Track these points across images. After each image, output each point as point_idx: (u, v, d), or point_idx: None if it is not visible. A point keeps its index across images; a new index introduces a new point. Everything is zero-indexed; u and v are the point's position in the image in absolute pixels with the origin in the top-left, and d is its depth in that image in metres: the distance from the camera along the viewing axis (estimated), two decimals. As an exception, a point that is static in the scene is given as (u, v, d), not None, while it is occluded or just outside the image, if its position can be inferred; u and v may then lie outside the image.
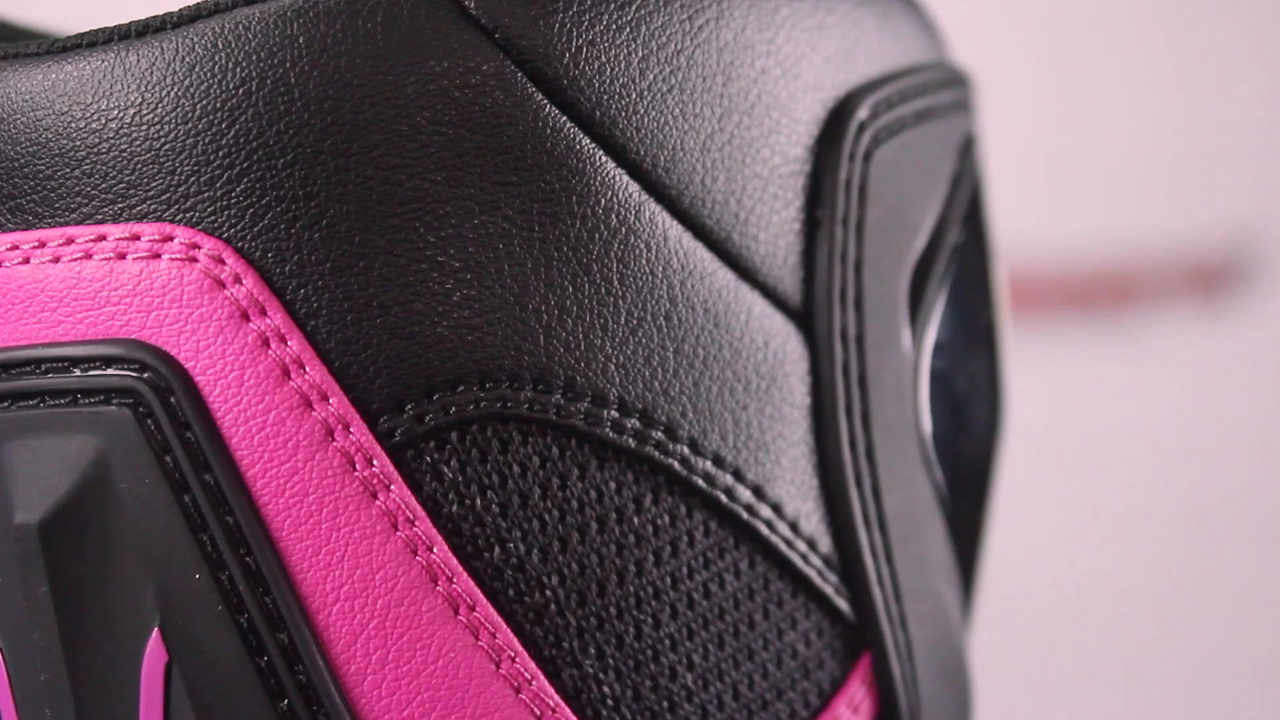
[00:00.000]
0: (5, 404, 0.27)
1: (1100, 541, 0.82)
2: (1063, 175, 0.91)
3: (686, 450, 0.28)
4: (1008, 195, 0.36)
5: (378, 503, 0.26)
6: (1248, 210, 0.93)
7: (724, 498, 0.29)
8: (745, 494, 0.29)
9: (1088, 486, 0.84)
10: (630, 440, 0.28)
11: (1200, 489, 0.84)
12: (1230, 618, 0.79)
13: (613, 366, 0.28)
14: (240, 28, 0.26)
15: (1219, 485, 0.84)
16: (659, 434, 0.28)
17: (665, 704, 0.28)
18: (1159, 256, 0.98)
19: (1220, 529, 0.82)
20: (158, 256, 0.26)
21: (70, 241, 0.27)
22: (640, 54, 0.28)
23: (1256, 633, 0.78)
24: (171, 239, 0.26)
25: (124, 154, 0.27)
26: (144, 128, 0.26)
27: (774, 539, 0.29)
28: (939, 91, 0.33)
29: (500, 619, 0.27)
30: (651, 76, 0.28)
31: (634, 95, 0.28)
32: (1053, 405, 0.81)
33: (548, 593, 0.27)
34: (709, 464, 0.28)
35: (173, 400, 0.26)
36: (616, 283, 0.28)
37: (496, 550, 0.27)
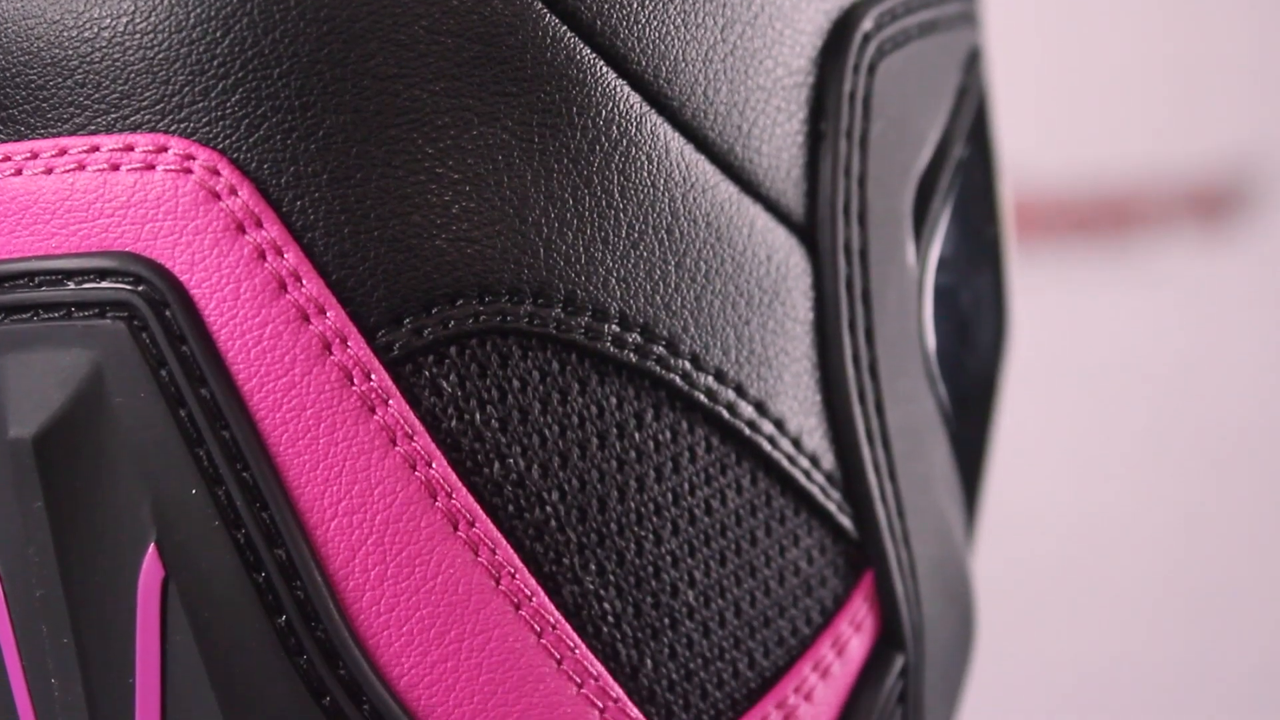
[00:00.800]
0: (-1, 317, 0.26)
1: (1103, 466, 0.82)
2: (1065, 100, 0.91)
3: (688, 365, 0.28)
4: (1010, 121, 0.35)
5: (376, 417, 0.26)
6: (1250, 135, 0.93)
7: (726, 413, 0.28)
8: (747, 410, 0.29)
9: (1090, 411, 0.84)
10: (631, 355, 0.27)
11: (1202, 412, 0.84)
12: (1233, 540, 0.79)
13: (614, 280, 0.27)
14: None
15: (1221, 408, 0.84)
16: (660, 349, 0.28)
17: (666, 621, 0.28)
18: (1161, 181, 0.97)
19: (1223, 451, 0.82)
20: (152, 168, 0.26)
21: (63, 153, 0.26)
22: None
23: (1259, 553, 0.78)
24: (166, 150, 0.26)
25: (117, 63, 0.26)
26: (137, 36, 0.26)
27: (776, 455, 0.29)
28: (945, 3, 0.32)
29: (500, 535, 0.27)
30: None
31: (635, 4, 0.27)
32: (1055, 330, 0.80)
33: (548, 509, 0.27)
34: (711, 379, 0.28)
35: (168, 313, 0.26)
36: (617, 195, 0.27)
37: (496, 466, 0.27)
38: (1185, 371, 0.87)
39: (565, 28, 0.27)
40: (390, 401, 0.26)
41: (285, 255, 0.26)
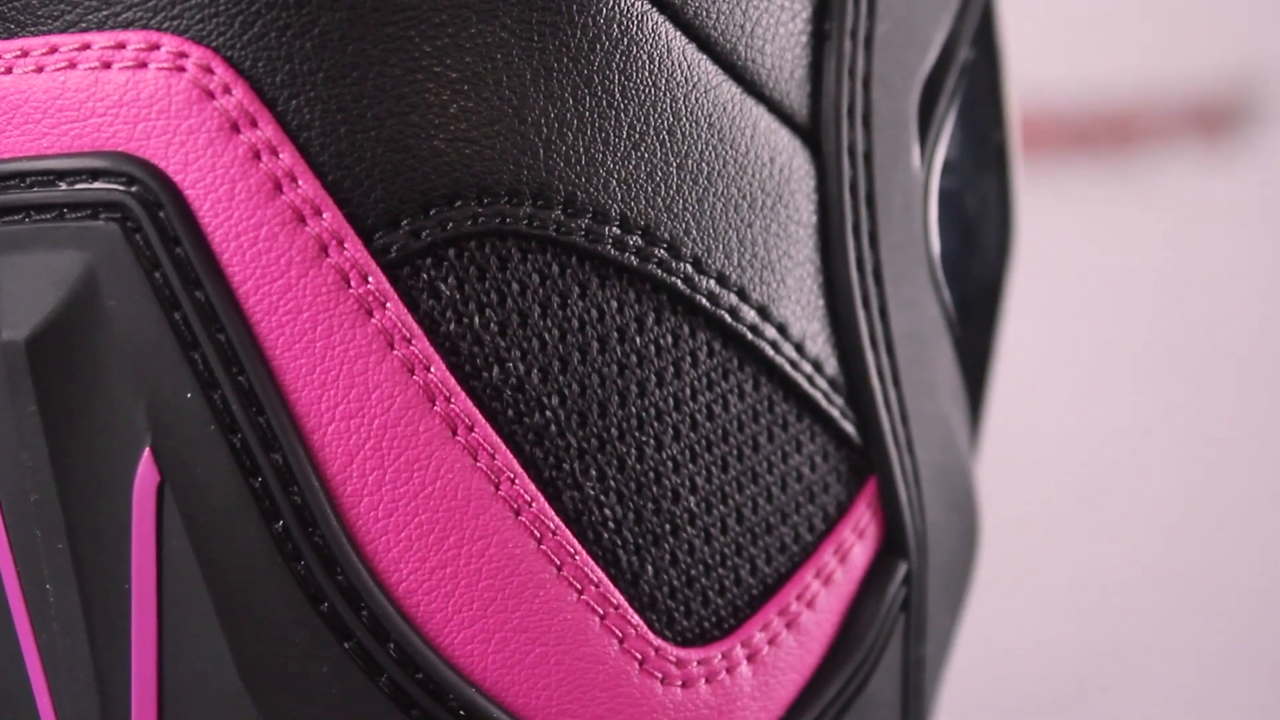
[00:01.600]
0: (-11, 219, 0.26)
1: (1103, 382, 0.82)
2: (1067, 14, 0.90)
3: (690, 269, 0.28)
4: (1011, 36, 0.35)
5: (373, 321, 0.26)
6: (1253, 52, 0.92)
7: (728, 318, 0.28)
8: (750, 314, 0.28)
9: (1090, 327, 0.84)
10: (632, 258, 0.27)
11: (1203, 328, 0.84)
12: (1234, 456, 0.79)
13: (614, 182, 0.27)
14: None
15: (1221, 325, 0.84)
16: (662, 252, 0.27)
17: (667, 527, 0.28)
18: (1163, 97, 0.97)
19: (1223, 367, 0.82)
20: (144, 66, 0.26)
21: (54, 50, 0.26)
22: None
23: (1262, 470, 0.78)
24: (158, 48, 0.26)
25: None
26: (127, -70, 0.26)
27: (779, 360, 0.29)
28: (951, -97, 0.32)
29: (499, 440, 0.26)
30: None
31: None
32: (1056, 246, 0.80)
33: (548, 413, 0.27)
34: (713, 283, 0.28)
35: (162, 215, 0.25)
36: (618, 95, 0.27)
37: (495, 370, 0.26)
38: (1186, 287, 0.86)
39: (563, -77, 0.26)
40: (388, 304, 0.26)
41: (280, 155, 0.26)
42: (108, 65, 0.26)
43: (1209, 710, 0.66)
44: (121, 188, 0.25)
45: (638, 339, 0.27)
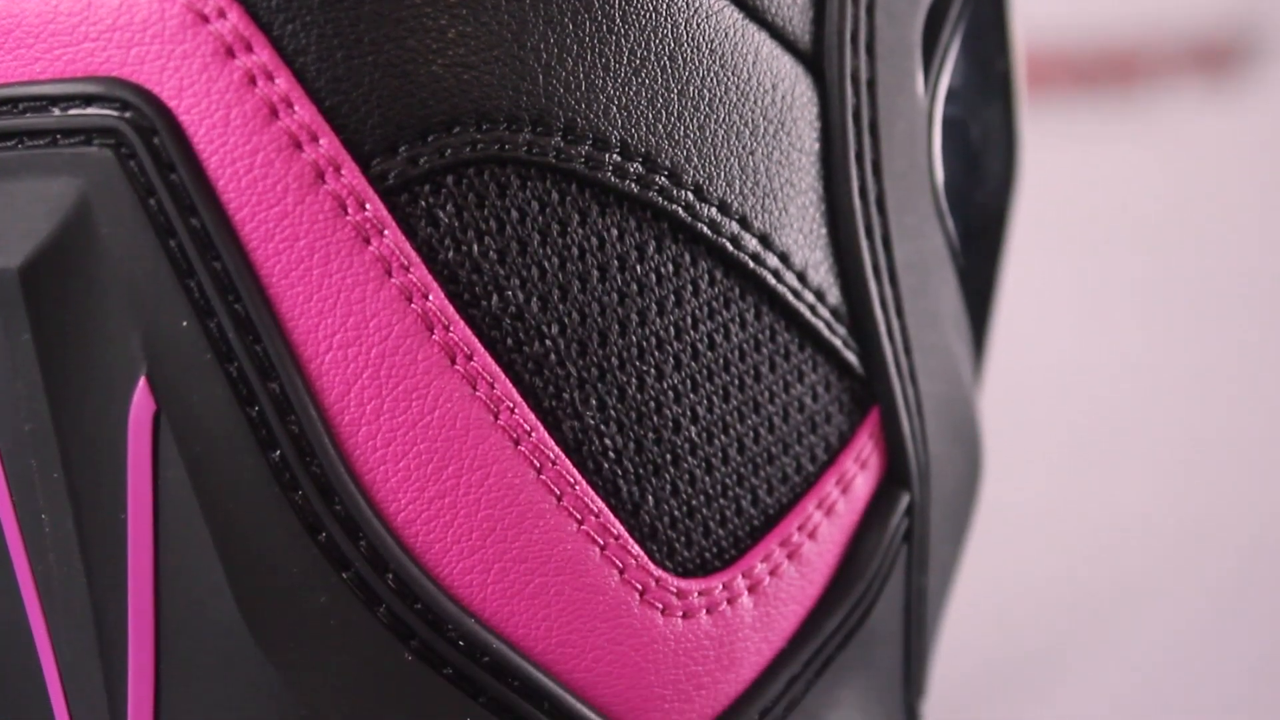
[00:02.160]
0: (-19, 145, 0.26)
1: (1103, 317, 0.82)
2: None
3: (691, 196, 0.27)
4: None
5: (370, 248, 0.25)
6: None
7: (729, 246, 0.28)
8: (751, 242, 0.28)
9: (1091, 264, 0.83)
10: (633, 185, 0.27)
11: (1204, 265, 0.83)
12: (1234, 390, 0.78)
13: (614, 108, 0.27)
14: None
15: (1223, 261, 0.83)
16: (663, 179, 0.27)
17: (668, 457, 0.27)
18: (1165, 35, 0.96)
19: (1224, 304, 0.82)
20: (137, -11, 0.25)
21: (45, -27, 0.26)
22: None
23: (1262, 403, 0.78)
24: (151, -29, 0.25)
25: None
26: None
27: (781, 289, 0.28)
28: None
29: (499, 369, 0.26)
30: None
31: None
32: (1058, 183, 0.80)
33: (547, 342, 0.26)
34: (714, 211, 0.27)
35: (156, 141, 0.25)
36: (619, 20, 0.26)
37: (494, 298, 0.26)
38: (1187, 224, 0.86)
39: None
40: (385, 232, 0.25)
41: (276, 80, 0.25)
42: (100, -12, 0.25)
43: (1208, 652, 0.66)
44: (115, 113, 0.25)
45: (638, 267, 0.27)
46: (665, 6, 0.27)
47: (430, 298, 0.26)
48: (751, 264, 0.28)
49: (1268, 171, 0.92)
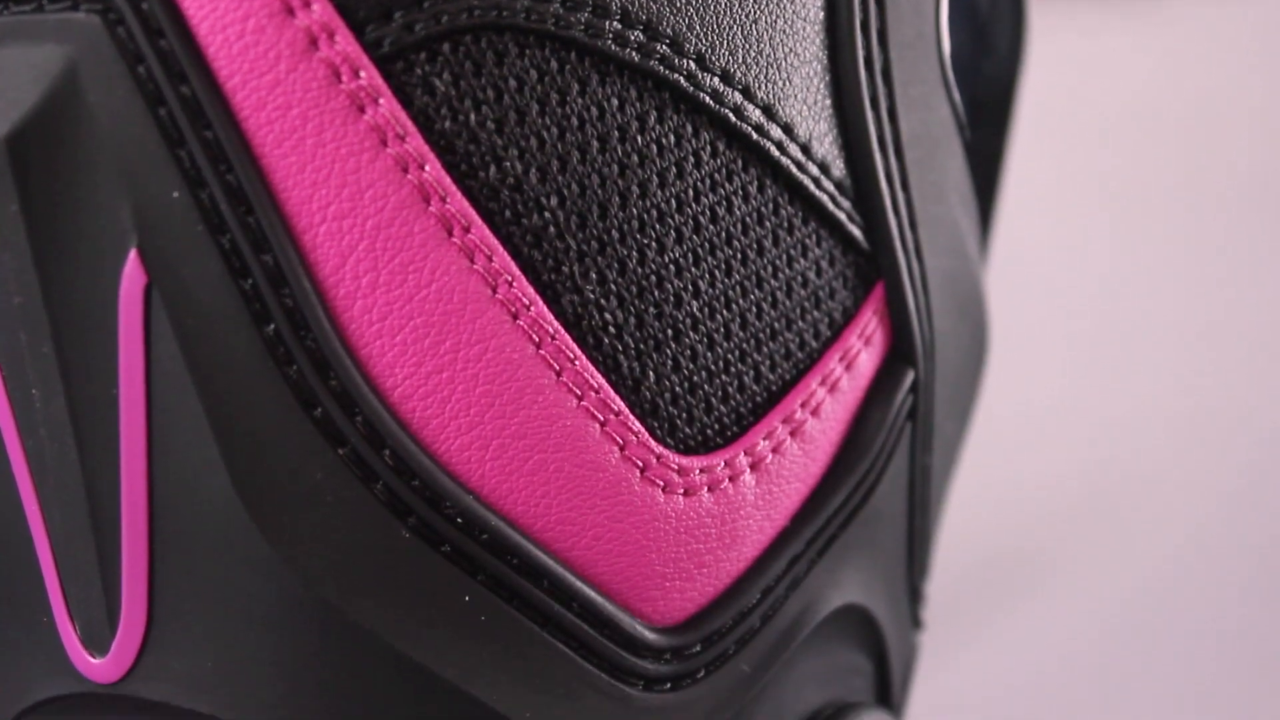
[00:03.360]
0: (-35, 11, 0.25)
1: (1110, 209, 0.81)
2: None
3: (693, 65, 0.27)
4: None
5: (365, 117, 0.25)
6: None
7: (732, 116, 0.27)
8: (754, 113, 0.27)
9: (1098, 156, 0.83)
10: (634, 54, 0.26)
11: (1217, 154, 0.83)
12: (1252, 281, 0.78)
13: None
14: None
15: (1235, 149, 0.83)
16: (664, 48, 0.26)
17: (669, 332, 0.27)
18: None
19: (1240, 191, 0.81)
20: None
21: None
22: None
23: (1270, 298, 0.77)
24: None
25: None
26: None
27: (784, 161, 0.28)
28: None
29: (497, 241, 0.25)
30: None
31: None
32: (1060, 75, 0.79)
33: (546, 214, 0.26)
34: (716, 80, 0.27)
35: (145, 6, 0.24)
36: (618, -117, 0.26)
37: (492, 169, 0.25)
38: (1199, 114, 0.85)
39: None
40: (380, 100, 0.25)
41: (267, -57, 0.24)
42: None
43: (1212, 551, 0.66)
44: None
45: (639, 138, 0.26)
46: None
47: (427, 168, 0.25)
48: (755, 135, 0.27)
49: (1272, 60, 0.91)
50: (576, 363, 0.26)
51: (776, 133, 0.28)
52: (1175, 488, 0.69)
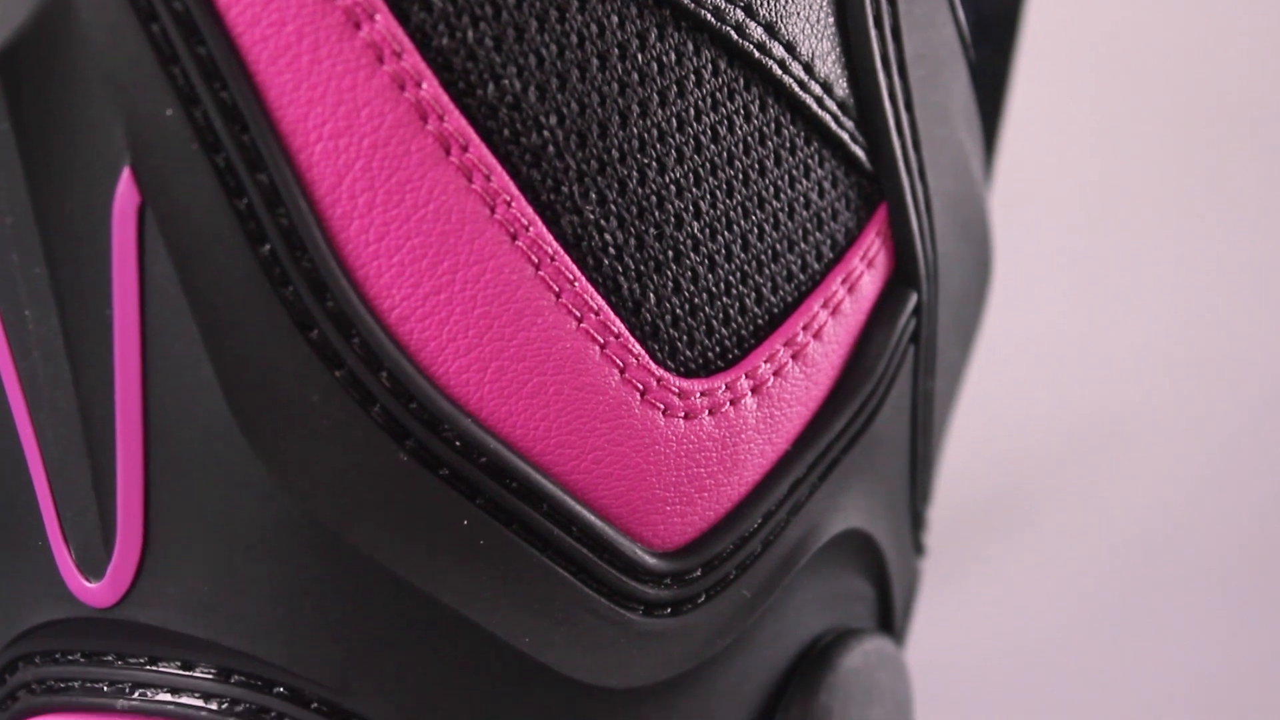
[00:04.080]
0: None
1: (1107, 140, 0.81)
2: None
3: None
4: None
5: (361, 34, 0.24)
6: None
7: (734, 34, 0.27)
8: (757, 31, 0.27)
9: (1099, 78, 0.82)
10: (633, -30, 0.26)
11: (1219, 85, 0.82)
12: (1250, 206, 0.77)
13: None
14: None
15: (1232, 78, 0.82)
16: None
17: (670, 253, 0.27)
18: None
19: (1225, 128, 0.81)
20: None
21: None
22: None
23: (1264, 233, 0.77)
24: None
25: None
26: None
27: (787, 80, 0.27)
28: None
29: (495, 161, 0.25)
30: None
31: None
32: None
33: (545, 133, 0.25)
34: None
35: None
36: None
37: (490, 87, 0.25)
38: (1208, 36, 0.85)
39: None
40: (376, 16, 0.24)
41: None
42: None
43: (1212, 484, 0.66)
44: None
45: (639, 56, 0.26)
46: None
47: (424, 86, 0.25)
48: (756, 53, 0.27)
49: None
50: (576, 284, 0.26)
51: (779, 51, 0.27)
52: (1175, 424, 0.69)
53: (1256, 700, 0.57)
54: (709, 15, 0.26)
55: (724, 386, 0.28)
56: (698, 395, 0.27)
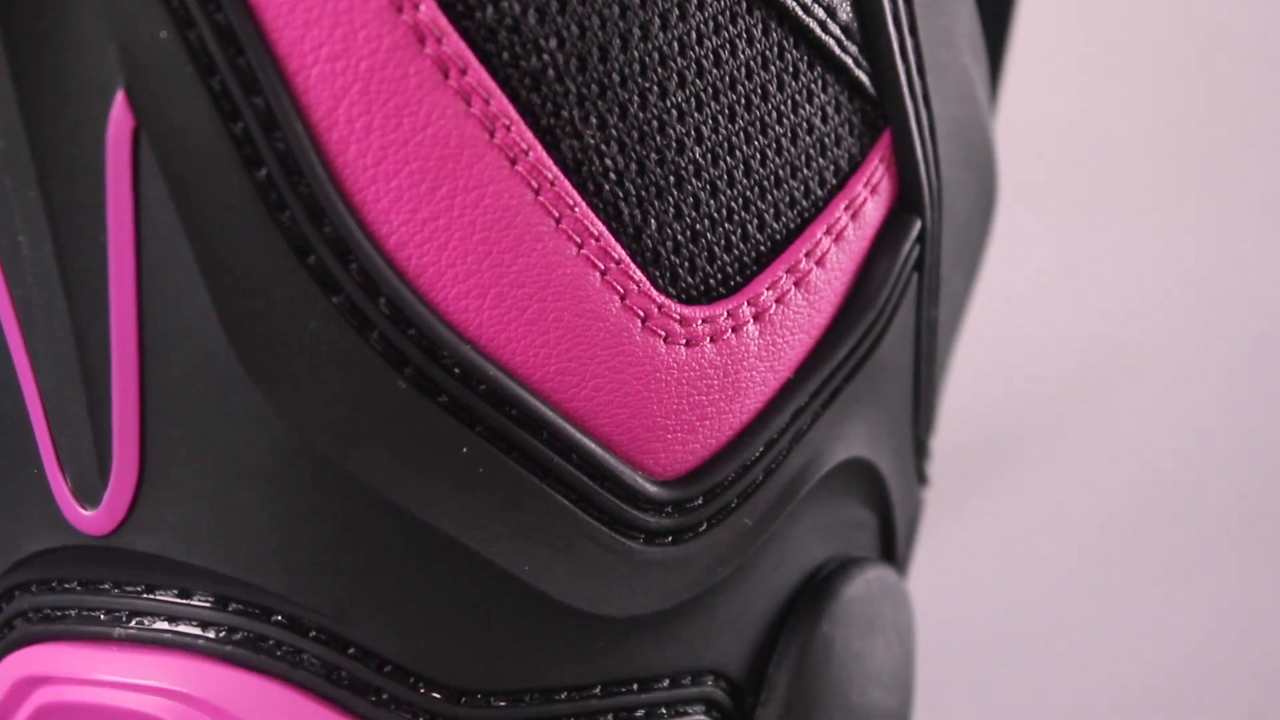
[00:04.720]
0: None
1: (1112, 73, 0.80)
2: None
3: None
4: None
5: (358, -46, 0.24)
6: None
7: (737, -44, 0.26)
8: (760, -47, 0.27)
9: (1106, 10, 0.81)
10: (634, -110, 0.25)
11: (1221, 19, 0.81)
12: (1248, 127, 0.77)
13: None
14: None
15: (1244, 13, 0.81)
16: None
17: (671, 179, 0.26)
18: None
19: (1232, 64, 0.80)
20: None
21: None
22: None
23: (1264, 148, 0.76)
24: None
25: None
26: None
27: (790, 3, 0.27)
28: None
29: (494, 84, 0.25)
30: None
31: None
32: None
33: (545, 56, 0.25)
34: None
35: None
36: None
37: (489, 9, 0.25)
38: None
39: None
40: (373, -63, 0.24)
41: None
42: None
43: (1213, 416, 0.66)
44: None
45: (640, -23, 0.26)
46: None
47: (421, 8, 0.24)
48: (759, -24, 0.27)
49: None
50: (576, 210, 0.26)
51: (782, -26, 0.27)
52: (1181, 357, 0.68)
53: (1263, 635, 0.57)
54: (711, -63, 0.26)
55: (726, 313, 0.27)
56: (699, 322, 0.27)
